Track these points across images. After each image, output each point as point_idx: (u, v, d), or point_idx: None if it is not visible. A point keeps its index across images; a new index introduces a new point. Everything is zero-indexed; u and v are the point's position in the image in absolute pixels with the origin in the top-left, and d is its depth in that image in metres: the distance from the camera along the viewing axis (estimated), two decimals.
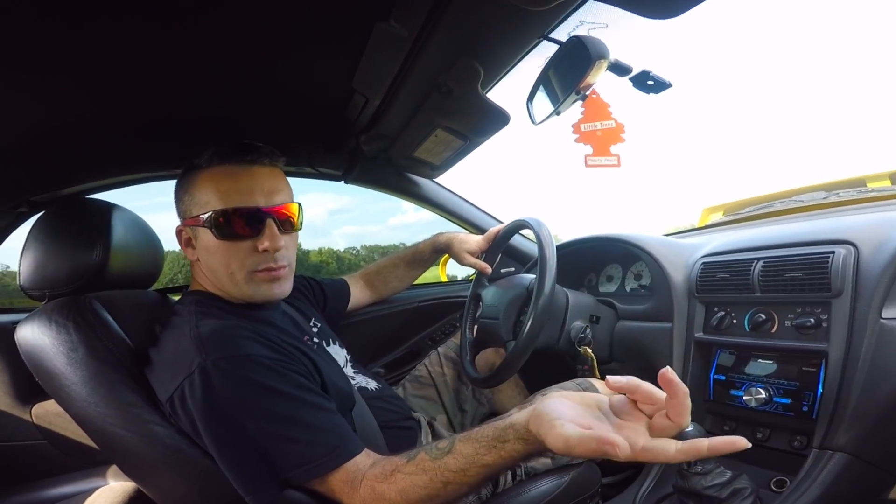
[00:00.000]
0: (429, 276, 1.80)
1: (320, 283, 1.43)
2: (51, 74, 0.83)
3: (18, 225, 1.32)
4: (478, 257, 1.46)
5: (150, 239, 1.13)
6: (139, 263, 1.10)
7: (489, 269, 1.45)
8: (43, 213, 1.02)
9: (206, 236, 0.95)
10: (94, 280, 0.97)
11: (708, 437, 0.55)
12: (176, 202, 1.00)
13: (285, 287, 1.00)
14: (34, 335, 0.89)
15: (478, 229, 1.88)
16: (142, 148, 1.22)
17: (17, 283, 0.98)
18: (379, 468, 0.78)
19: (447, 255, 1.56)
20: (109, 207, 1.04)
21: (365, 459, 0.82)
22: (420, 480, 0.73)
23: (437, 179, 1.80)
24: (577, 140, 1.03)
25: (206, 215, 0.93)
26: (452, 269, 2.13)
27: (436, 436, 1.25)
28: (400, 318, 1.87)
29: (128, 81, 0.90)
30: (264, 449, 0.79)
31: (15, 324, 1.31)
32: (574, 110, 1.05)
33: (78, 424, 0.90)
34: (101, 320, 0.91)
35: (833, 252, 0.98)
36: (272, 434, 0.79)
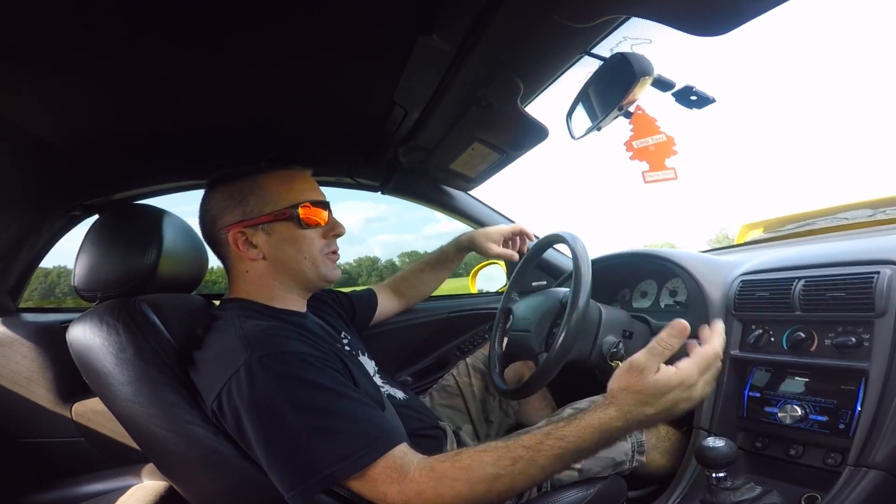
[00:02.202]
0: (459, 287, 1.80)
1: (349, 296, 1.46)
2: (108, 84, 0.87)
3: (72, 227, 1.39)
4: (504, 246, 1.48)
5: (196, 244, 1.17)
6: (186, 268, 1.15)
7: (516, 256, 1.45)
8: (99, 217, 1.07)
9: (285, 228, 1.03)
10: (144, 283, 1.02)
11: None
12: (230, 207, 1.03)
13: (338, 270, 1.12)
14: (85, 335, 0.93)
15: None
16: (190, 156, 1.27)
17: (72, 284, 1.03)
18: (441, 454, 0.82)
19: (478, 267, 1.56)
20: (161, 213, 1.09)
21: (409, 449, 0.84)
22: (488, 457, 0.77)
23: (471, 192, 1.82)
24: (631, 158, 1.03)
25: (288, 208, 1.03)
26: (483, 282, 2.12)
27: (461, 445, 1.24)
28: (429, 329, 1.88)
29: (179, 91, 0.95)
30: (307, 442, 0.80)
31: (62, 323, 1.37)
32: (620, 128, 1.05)
33: (120, 423, 0.92)
34: (149, 322, 0.95)
35: (878, 273, 0.96)
36: (315, 426, 0.80)
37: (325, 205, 1.08)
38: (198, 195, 1.10)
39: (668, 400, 0.76)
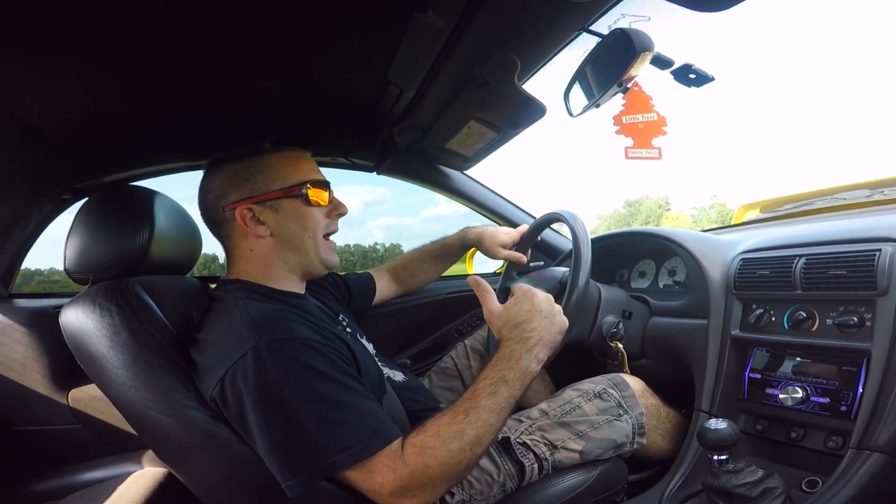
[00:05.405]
0: (456, 268, 1.80)
1: (345, 279, 1.45)
2: (94, 65, 0.85)
3: (62, 211, 1.37)
4: (509, 249, 1.46)
5: (189, 226, 1.15)
6: (179, 250, 1.12)
7: (525, 259, 1.45)
8: (89, 199, 1.04)
9: (292, 205, 1.04)
10: (136, 265, 0.99)
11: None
12: (237, 185, 1.02)
13: (337, 257, 1.13)
14: (78, 318, 0.91)
15: (508, 222, 1.87)
16: (181, 138, 1.24)
17: (63, 266, 1.01)
18: (412, 432, 0.87)
19: (474, 248, 1.55)
20: (152, 194, 1.06)
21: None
22: (446, 419, 0.85)
23: (467, 172, 1.80)
24: (617, 132, 1.02)
25: (296, 185, 1.03)
26: (480, 264, 2.12)
27: None
28: (427, 310, 1.88)
29: (169, 73, 0.92)
30: (311, 431, 0.80)
31: (55, 308, 1.35)
32: (613, 101, 1.04)
33: (116, 408, 0.91)
34: (143, 304, 0.92)
35: (879, 250, 0.95)
36: (321, 416, 0.81)
37: (327, 185, 1.08)
38: (192, 179, 1.09)
39: (525, 311, 0.95)
